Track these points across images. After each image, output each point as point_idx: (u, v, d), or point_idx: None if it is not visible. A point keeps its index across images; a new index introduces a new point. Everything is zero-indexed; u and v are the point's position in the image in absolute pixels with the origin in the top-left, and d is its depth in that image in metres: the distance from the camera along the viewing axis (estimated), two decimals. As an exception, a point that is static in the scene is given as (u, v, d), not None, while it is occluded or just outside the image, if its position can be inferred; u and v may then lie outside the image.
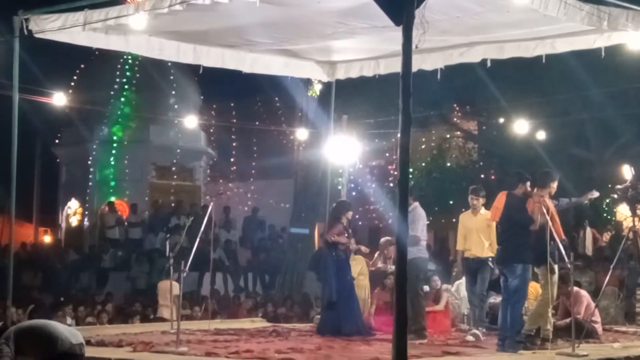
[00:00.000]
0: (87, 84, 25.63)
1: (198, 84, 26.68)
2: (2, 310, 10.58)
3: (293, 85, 19.98)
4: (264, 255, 22.40)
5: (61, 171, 27.62)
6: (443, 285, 13.02)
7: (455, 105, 24.53)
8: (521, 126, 16.90)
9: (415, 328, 10.50)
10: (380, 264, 13.24)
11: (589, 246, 18.96)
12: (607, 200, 20.90)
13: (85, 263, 21.95)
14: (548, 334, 9.96)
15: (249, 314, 16.78)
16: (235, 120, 28.24)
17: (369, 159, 23.73)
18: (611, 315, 14.54)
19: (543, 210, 9.55)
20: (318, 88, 19.60)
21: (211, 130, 28.45)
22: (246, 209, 25.70)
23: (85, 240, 24.80)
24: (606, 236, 20.64)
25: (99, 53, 22.74)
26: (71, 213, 26.61)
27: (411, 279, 11.07)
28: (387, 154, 25.70)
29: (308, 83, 19.31)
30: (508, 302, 9.86)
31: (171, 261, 10.37)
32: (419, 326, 10.72)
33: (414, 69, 6.71)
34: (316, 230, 21.65)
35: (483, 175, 23.50)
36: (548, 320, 9.97)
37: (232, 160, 29.73)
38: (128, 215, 23.94)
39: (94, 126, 25.58)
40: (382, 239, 13.66)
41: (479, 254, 11.47)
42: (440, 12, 9.03)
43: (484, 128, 24.93)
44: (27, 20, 9.92)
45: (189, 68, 22.03)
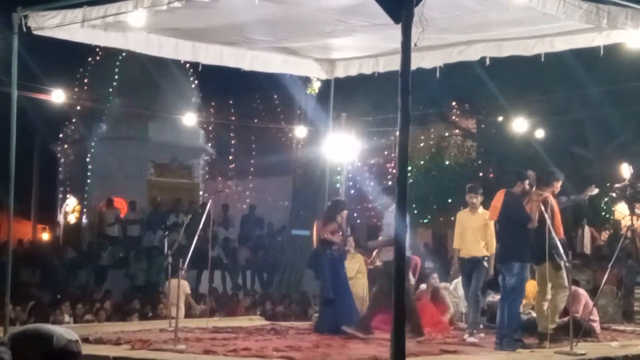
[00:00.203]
0: (86, 81, 25.64)
1: (197, 82, 26.65)
2: (0, 308, 10.55)
3: (292, 83, 19.94)
4: (262, 253, 22.40)
5: (59, 168, 27.59)
6: (442, 284, 13.01)
7: (454, 104, 24.49)
8: (520, 124, 16.90)
9: (412, 326, 10.42)
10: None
11: (587, 245, 18.93)
12: (606, 199, 20.89)
13: (84, 260, 21.94)
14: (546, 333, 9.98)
15: (247, 312, 16.77)
16: (234, 118, 28.20)
17: (367, 157, 23.67)
18: (609, 314, 14.53)
19: (542, 208, 9.55)
20: (317, 86, 19.56)
21: (210, 128, 28.40)
22: (245, 206, 25.67)
23: (83, 237, 24.78)
24: (604, 235, 20.64)
25: (98, 50, 22.77)
26: (69, 210, 26.59)
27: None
28: (386, 152, 25.65)
29: (307, 81, 19.27)
30: (506, 301, 9.88)
31: (169, 259, 10.37)
32: (415, 323, 10.66)
33: (413, 67, 6.72)
34: (314, 229, 21.57)
35: (482, 174, 23.48)
36: (546, 318, 9.99)
37: (231, 157, 29.67)
38: (126, 212, 23.91)
39: (93, 123, 25.54)
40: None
41: (474, 253, 11.06)
42: (439, 10, 9.03)
43: (483, 126, 24.92)
44: (26, 17, 9.90)
45: (188, 65, 22.09)
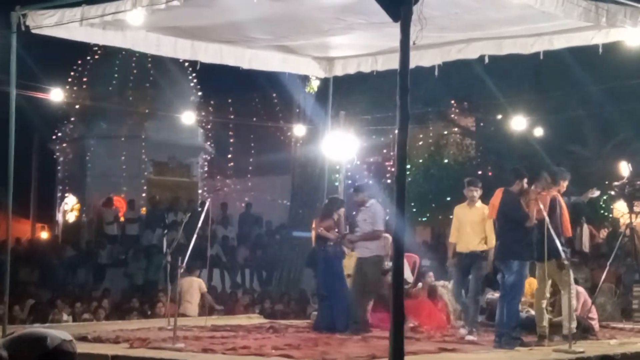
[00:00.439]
0: (85, 79, 25.63)
1: (195, 80, 26.64)
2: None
3: (291, 82, 19.93)
4: (261, 251, 22.39)
5: (58, 167, 27.58)
6: (440, 282, 12.99)
7: (452, 102, 24.51)
8: (519, 123, 16.90)
9: (357, 324, 11.05)
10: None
11: (586, 243, 18.93)
12: (604, 197, 20.89)
13: (82, 259, 21.92)
14: (544, 331, 9.99)
15: (246, 310, 16.77)
16: (232, 117, 28.19)
17: (366, 156, 23.65)
18: (608, 312, 14.55)
19: (540, 206, 9.55)
20: (316, 84, 19.53)
21: (209, 127, 28.40)
22: (243, 205, 25.69)
23: (82, 236, 24.75)
24: (603, 233, 20.64)
25: (96, 49, 22.76)
26: (68, 209, 26.58)
27: (374, 274, 11.29)
28: (385, 151, 25.63)
29: (306, 79, 19.26)
30: (505, 299, 9.88)
31: (168, 257, 10.35)
32: (362, 320, 11.20)
33: (412, 65, 6.72)
34: (313, 227, 21.55)
35: (480, 172, 23.49)
36: (544, 316, 10.00)
37: (230, 156, 29.67)
38: (125, 211, 23.91)
39: (91, 122, 25.55)
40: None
41: (472, 247, 10.87)
42: (438, 9, 9.02)
43: (482, 124, 24.93)
44: (25, 16, 9.89)
45: (187, 64, 22.08)
